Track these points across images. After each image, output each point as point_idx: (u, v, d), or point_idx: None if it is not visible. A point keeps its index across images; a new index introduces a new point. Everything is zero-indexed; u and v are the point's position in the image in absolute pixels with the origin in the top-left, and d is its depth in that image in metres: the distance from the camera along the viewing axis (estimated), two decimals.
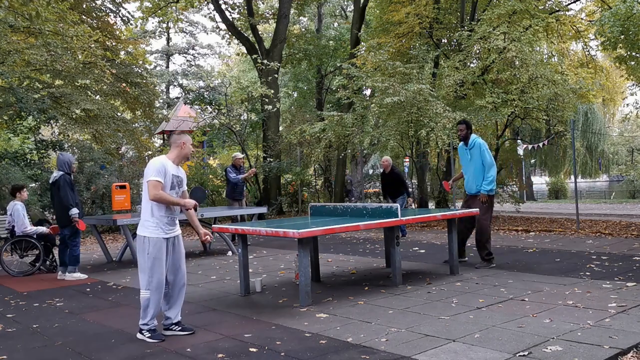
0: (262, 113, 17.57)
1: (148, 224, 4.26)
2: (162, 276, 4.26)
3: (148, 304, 4.23)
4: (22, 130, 14.04)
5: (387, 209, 5.92)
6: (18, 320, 5.11)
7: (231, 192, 10.84)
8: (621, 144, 34.72)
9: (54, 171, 7.54)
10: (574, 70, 15.80)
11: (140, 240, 4.26)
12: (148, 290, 4.22)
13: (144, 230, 4.26)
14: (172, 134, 4.52)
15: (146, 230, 4.25)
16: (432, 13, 14.25)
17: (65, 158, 7.31)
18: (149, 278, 4.22)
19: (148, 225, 4.26)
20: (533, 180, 34.98)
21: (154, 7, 20.51)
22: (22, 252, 7.99)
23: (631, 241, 8.79)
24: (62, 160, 7.29)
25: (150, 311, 4.23)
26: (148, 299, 4.22)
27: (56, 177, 7.19)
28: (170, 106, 34.87)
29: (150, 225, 4.25)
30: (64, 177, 7.17)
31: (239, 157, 11.04)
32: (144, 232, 4.25)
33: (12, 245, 7.97)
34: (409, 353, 3.60)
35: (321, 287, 6.01)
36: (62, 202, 7.10)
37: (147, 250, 4.22)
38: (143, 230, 4.27)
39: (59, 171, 7.23)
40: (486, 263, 6.84)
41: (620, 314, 4.34)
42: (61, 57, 12.96)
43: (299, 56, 22.93)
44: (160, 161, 4.30)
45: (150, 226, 4.25)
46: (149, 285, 4.22)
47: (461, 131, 7.03)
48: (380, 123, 13.63)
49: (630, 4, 8.87)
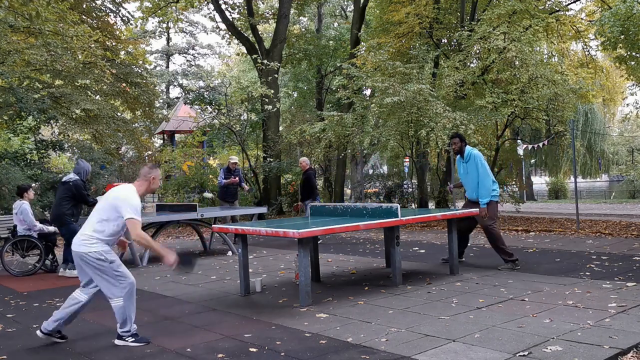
0: (262, 113, 17.57)
1: (94, 239, 4.10)
2: (130, 276, 4.16)
3: (124, 311, 4.10)
4: (22, 130, 14.04)
5: (387, 209, 5.92)
6: (18, 320, 5.11)
7: (222, 194, 11.11)
8: (621, 144, 34.70)
9: (69, 173, 7.80)
10: (574, 70, 15.79)
11: (92, 257, 4.06)
12: (120, 297, 4.08)
13: (91, 247, 4.07)
14: (143, 166, 4.41)
15: (93, 245, 4.08)
16: (432, 13, 14.25)
17: (86, 166, 7.64)
18: (120, 283, 4.09)
19: (95, 240, 4.09)
20: (533, 180, 34.99)
21: (154, 7, 20.52)
22: (24, 251, 8.00)
23: (631, 241, 8.79)
24: (82, 167, 7.59)
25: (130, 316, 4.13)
26: (123, 306, 4.09)
27: (72, 179, 7.43)
28: (170, 106, 34.88)
29: (97, 240, 4.10)
30: (80, 181, 7.47)
31: (232, 160, 11.25)
32: (92, 248, 4.07)
33: (13, 245, 7.97)
34: (409, 353, 3.60)
35: (321, 287, 6.01)
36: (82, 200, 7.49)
37: (106, 259, 4.08)
38: (89, 247, 4.07)
39: (75, 175, 7.49)
40: (511, 264, 6.69)
41: (620, 314, 4.34)
42: (61, 57, 12.96)
43: (299, 56, 22.94)
44: (137, 198, 4.16)
45: (97, 241, 4.10)
46: (121, 291, 4.08)
47: (455, 144, 6.99)
48: (380, 123, 13.62)
49: (630, 4, 8.87)
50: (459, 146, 6.98)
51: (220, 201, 11.31)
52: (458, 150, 7.02)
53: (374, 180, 19.39)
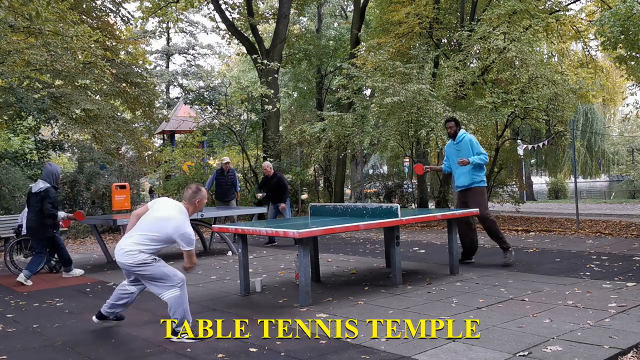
0: (262, 113, 17.57)
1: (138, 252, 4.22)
2: (178, 272, 4.32)
3: (181, 301, 4.22)
4: (22, 130, 14.04)
5: (387, 209, 5.92)
6: (18, 320, 5.11)
7: (216, 194, 11.34)
8: (621, 144, 34.71)
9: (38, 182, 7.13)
10: (574, 70, 15.81)
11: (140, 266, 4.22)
12: (175, 287, 4.23)
13: (135, 258, 4.20)
14: (186, 189, 4.56)
15: (137, 256, 4.20)
16: (432, 13, 14.25)
17: (55, 169, 7.09)
18: (171, 279, 4.24)
19: (138, 252, 4.21)
20: (533, 180, 35.00)
21: (154, 7, 20.52)
22: (28, 251, 8.02)
23: (631, 241, 8.79)
24: (51, 171, 7.05)
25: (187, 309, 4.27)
26: (180, 295, 4.22)
27: (42, 189, 6.93)
28: (170, 106, 34.86)
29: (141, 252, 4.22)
30: (52, 189, 6.97)
31: (225, 161, 11.37)
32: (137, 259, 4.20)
33: (17, 245, 7.99)
34: (409, 353, 3.60)
35: (321, 287, 6.01)
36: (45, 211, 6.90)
37: (152, 263, 4.24)
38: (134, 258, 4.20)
39: (45, 182, 6.98)
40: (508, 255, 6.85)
41: (620, 314, 4.34)
42: (61, 57, 12.96)
43: (299, 56, 22.93)
44: (189, 224, 4.28)
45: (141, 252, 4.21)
46: (173, 284, 4.23)
47: (451, 128, 7.12)
48: (380, 123, 13.63)
49: (630, 4, 8.87)
50: (454, 130, 7.08)
51: (217, 201, 11.43)
52: (453, 134, 7.09)
53: (374, 180, 19.38)
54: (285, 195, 10.27)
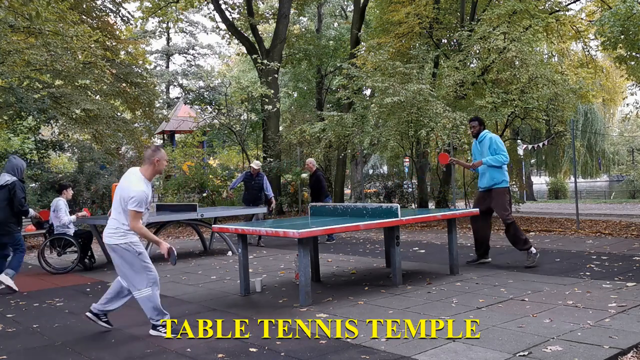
0: (262, 113, 17.58)
1: (122, 231, 4.27)
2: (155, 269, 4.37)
3: (153, 299, 4.31)
4: (22, 130, 14.03)
5: (387, 209, 5.92)
6: (18, 320, 5.11)
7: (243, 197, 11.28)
8: (621, 144, 34.71)
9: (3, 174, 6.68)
10: (574, 70, 15.81)
11: (121, 249, 4.26)
12: (147, 288, 4.30)
13: (120, 238, 4.26)
14: (146, 148, 4.56)
15: (123, 237, 4.26)
16: (432, 13, 14.26)
17: (20, 163, 6.72)
18: (147, 275, 4.31)
19: (124, 232, 4.26)
20: (533, 180, 34.99)
21: (154, 7, 20.53)
22: (62, 249, 8.08)
23: (631, 241, 8.79)
24: (15, 164, 6.65)
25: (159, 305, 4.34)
26: (151, 295, 4.30)
27: (9, 182, 6.52)
28: (170, 106, 34.85)
29: (127, 232, 4.28)
30: (19, 183, 6.59)
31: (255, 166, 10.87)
32: (123, 240, 4.26)
33: (50, 243, 8.04)
34: (409, 353, 3.60)
35: (321, 287, 6.01)
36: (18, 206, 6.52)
37: (135, 251, 4.28)
38: (119, 238, 4.26)
39: (11, 175, 6.56)
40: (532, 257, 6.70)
41: (620, 314, 4.34)
42: (61, 57, 12.95)
43: (299, 56, 22.94)
44: (142, 187, 4.24)
45: (126, 232, 4.28)
46: (147, 282, 4.30)
47: (473, 127, 7.10)
48: (380, 123, 13.63)
49: (630, 4, 8.87)
50: (478, 129, 7.04)
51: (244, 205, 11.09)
52: (476, 134, 7.06)
53: (374, 180, 19.39)
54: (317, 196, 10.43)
